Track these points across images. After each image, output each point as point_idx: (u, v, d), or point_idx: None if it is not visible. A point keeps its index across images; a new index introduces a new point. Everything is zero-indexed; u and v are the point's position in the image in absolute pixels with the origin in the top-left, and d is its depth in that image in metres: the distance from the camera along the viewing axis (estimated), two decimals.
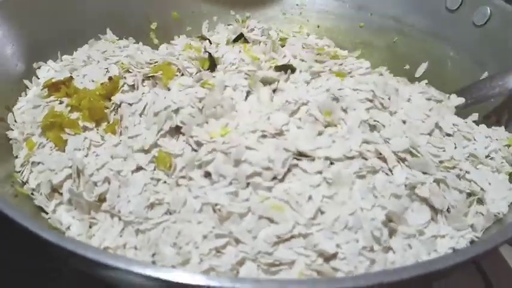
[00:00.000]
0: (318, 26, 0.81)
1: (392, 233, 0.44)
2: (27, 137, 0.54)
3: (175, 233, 0.43)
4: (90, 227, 0.46)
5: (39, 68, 0.64)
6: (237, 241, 0.42)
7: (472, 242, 0.45)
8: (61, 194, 0.49)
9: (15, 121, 0.57)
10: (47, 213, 0.48)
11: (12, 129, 0.56)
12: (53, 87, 0.56)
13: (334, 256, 0.41)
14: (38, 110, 0.56)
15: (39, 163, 0.51)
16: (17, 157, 0.54)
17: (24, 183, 0.51)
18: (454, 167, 0.50)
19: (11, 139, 0.55)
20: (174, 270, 0.34)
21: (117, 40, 0.71)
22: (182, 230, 0.43)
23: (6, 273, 0.56)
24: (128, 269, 0.33)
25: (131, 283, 0.38)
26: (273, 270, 0.41)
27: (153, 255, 0.43)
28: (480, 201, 0.48)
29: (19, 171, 0.52)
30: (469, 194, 0.48)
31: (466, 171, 0.50)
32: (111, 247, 0.44)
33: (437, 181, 0.47)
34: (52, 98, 0.56)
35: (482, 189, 0.49)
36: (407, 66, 0.74)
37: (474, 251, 0.38)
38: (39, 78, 0.63)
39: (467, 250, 0.41)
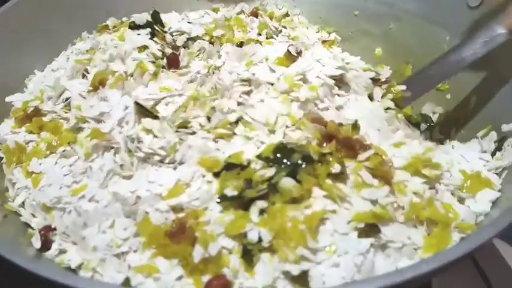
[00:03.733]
0: (312, 16, 0.79)
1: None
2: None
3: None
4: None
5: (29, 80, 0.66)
6: None
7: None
8: None
9: None
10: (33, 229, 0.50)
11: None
12: (21, 120, 0.57)
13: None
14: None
15: (15, 182, 0.52)
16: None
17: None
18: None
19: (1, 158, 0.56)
20: None
21: None
22: None
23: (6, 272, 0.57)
24: None
25: None
26: None
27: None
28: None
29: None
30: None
31: None
32: (90, 265, 0.44)
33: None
34: (23, 129, 0.56)
35: None
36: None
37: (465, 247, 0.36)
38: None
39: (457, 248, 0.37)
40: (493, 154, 0.52)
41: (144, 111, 0.51)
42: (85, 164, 0.50)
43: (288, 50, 0.56)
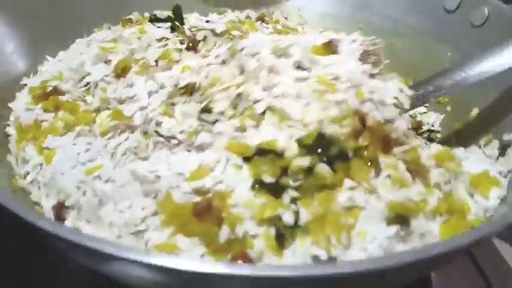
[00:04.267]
0: (316, 27, 0.81)
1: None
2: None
3: None
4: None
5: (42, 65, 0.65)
6: None
7: None
8: None
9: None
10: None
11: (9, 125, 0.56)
12: (38, 98, 0.57)
13: None
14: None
15: (28, 160, 0.51)
16: None
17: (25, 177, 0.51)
18: None
19: (9, 135, 0.55)
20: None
21: None
22: None
23: (6, 272, 0.56)
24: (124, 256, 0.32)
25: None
26: None
27: None
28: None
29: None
30: None
31: None
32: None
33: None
34: (38, 107, 0.56)
35: None
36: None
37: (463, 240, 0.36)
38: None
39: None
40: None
41: None
42: (101, 142, 0.49)
43: (330, 41, 0.52)
